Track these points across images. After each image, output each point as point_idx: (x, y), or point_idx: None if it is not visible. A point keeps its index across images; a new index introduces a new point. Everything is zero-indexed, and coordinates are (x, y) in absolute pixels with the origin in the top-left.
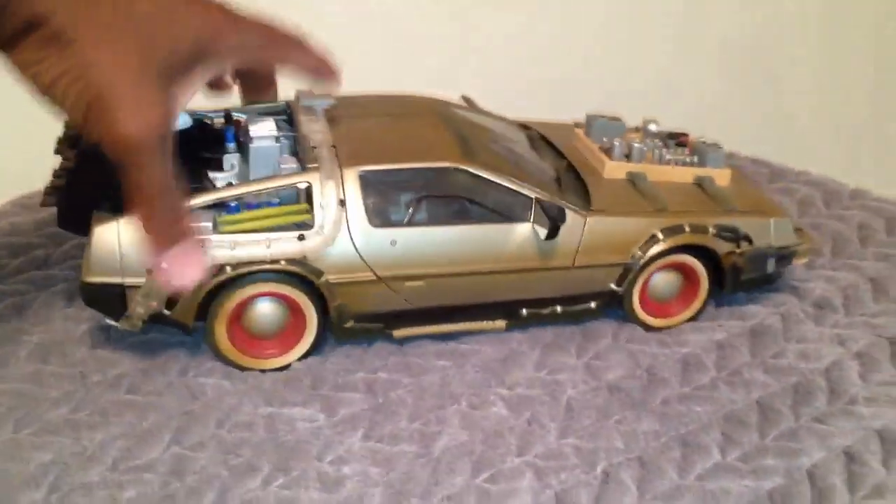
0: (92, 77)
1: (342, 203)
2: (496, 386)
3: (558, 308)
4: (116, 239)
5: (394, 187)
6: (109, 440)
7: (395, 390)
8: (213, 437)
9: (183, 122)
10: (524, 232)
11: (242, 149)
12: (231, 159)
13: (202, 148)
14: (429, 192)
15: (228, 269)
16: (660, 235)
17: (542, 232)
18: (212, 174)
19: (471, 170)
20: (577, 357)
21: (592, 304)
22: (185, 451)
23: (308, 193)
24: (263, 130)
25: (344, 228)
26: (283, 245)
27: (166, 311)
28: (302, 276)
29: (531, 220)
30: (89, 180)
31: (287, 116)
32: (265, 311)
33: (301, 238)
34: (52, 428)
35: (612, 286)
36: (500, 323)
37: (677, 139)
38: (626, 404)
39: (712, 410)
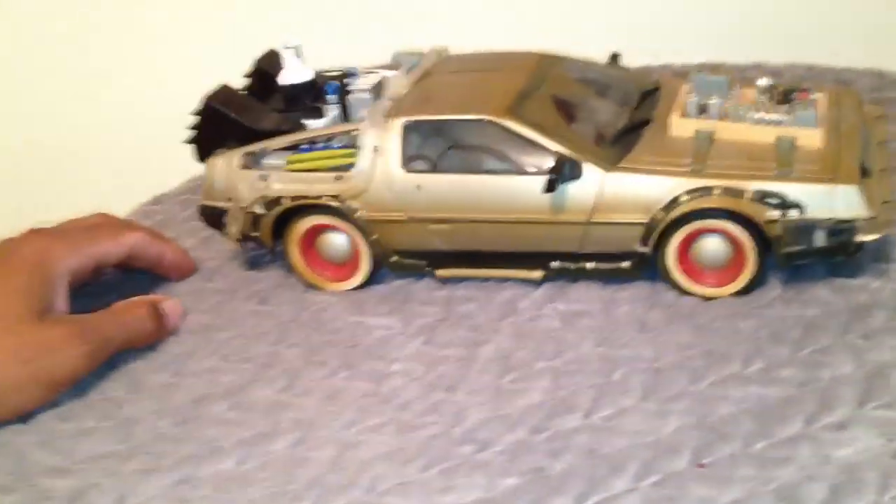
0: None
1: (376, 149)
2: (556, 302)
3: (588, 265)
4: (215, 170)
5: (431, 137)
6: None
7: (467, 305)
8: (305, 340)
9: (303, 74)
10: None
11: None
12: (331, 110)
13: (311, 99)
14: (457, 143)
15: (285, 201)
16: (684, 197)
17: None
18: (306, 121)
19: (503, 123)
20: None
21: (625, 264)
22: (280, 349)
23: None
24: (362, 84)
25: (379, 172)
26: (322, 184)
27: (254, 233)
28: (339, 210)
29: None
30: (215, 124)
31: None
32: (331, 241)
33: (338, 178)
34: None
35: (638, 247)
36: (537, 273)
37: (793, 94)
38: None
39: (758, 325)
